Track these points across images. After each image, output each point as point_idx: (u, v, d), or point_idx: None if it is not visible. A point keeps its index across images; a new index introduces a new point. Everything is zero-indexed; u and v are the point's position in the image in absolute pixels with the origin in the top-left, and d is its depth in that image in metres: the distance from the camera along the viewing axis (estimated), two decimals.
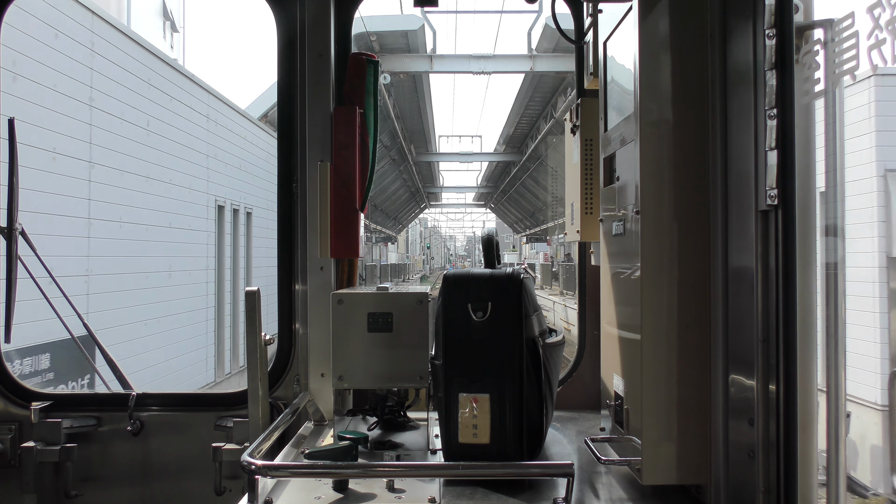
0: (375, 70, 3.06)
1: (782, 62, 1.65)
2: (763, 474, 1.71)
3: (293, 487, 2.14)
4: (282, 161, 3.10)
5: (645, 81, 2.07)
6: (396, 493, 2.09)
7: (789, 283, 1.65)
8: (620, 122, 2.30)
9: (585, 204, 2.94)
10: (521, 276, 2.27)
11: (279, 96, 3.12)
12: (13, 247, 3.07)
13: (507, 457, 2.17)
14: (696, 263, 2.01)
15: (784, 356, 1.66)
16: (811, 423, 1.67)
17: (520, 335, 2.20)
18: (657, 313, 2.03)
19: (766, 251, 1.71)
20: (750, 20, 1.77)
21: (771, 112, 1.66)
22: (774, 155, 1.66)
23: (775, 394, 1.68)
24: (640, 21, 2.09)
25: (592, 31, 2.87)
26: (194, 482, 3.01)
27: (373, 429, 2.65)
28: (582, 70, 3.18)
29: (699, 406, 1.99)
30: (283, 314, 3.09)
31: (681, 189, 2.04)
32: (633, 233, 2.13)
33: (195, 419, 3.07)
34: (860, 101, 10.73)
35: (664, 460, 2.02)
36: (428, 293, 2.57)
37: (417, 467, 2.28)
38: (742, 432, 1.81)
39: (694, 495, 2.07)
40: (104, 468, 3.07)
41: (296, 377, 3.03)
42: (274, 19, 3.13)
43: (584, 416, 3.04)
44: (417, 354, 2.47)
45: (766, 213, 1.71)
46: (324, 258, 2.99)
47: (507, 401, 2.18)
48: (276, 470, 2.05)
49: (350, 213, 2.99)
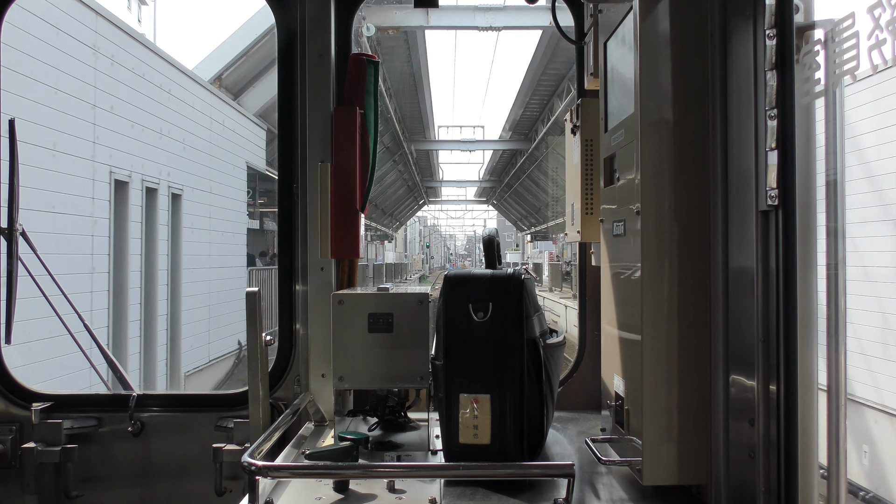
0: (376, 70, 3.06)
1: (782, 62, 1.65)
2: (764, 474, 1.71)
3: (294, 488, 2.14)
4: (282, 161, 3.10)
5: (645, 82, 2.07)
6: (397, 493, 2.09)
7: (789, 283, 1.65)
8: (621, 123, 2.30)
9: (586, 204, 2.94)
10: (521, 276, 2.27)
11: (279, 96, 3.12)
12: (13, 247, 3.07)
13: (508, 457, 2.17)
14: (696, 264, 2.01)
15: (784, 356, 1.66)
16: (812, 423, 1.67)
17: (520, 336, 2.20)
18: (657, 314, 2.03)
19: (767, 251, 1.71)
20: (750, 20, 1.77)
21: (771, 112, 1.66)
22: (775, 155, 1.66)
23: (776, 394, 1.68)
24: (640, 21, 2.09)
25: (593, 31, 2.87)
26: (195, 483, 3.01)
27: (373, 429, 2.65)
28: (582, 70, 3.19)
29: (700, 406, 1.99)
30: (283, 315, 3.09)
31: (681, 189, 2.04)
32: (633, 233, 2.13)
33: (196, 420, 3.07)
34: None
35: (665, 461, 2.02)
36: (428, 294, 2.57)
37: (418, 468, 2.28)
38: (742, 432, 1.81)
39: (694, 496, 2.07)
40: (105, 469, 3.07)
41: (296, 378, 3.03)
42: (274, 19, 3.13)
43: (584, 417, 3.04)
44: (418, 355, 2.47)
45: (766, 214, 1.71)
46: (324, 259, 2.99)
47: (507, 401, 2.18)
48: (277, 470, 2.05)
49: (350, 213, 2.99)
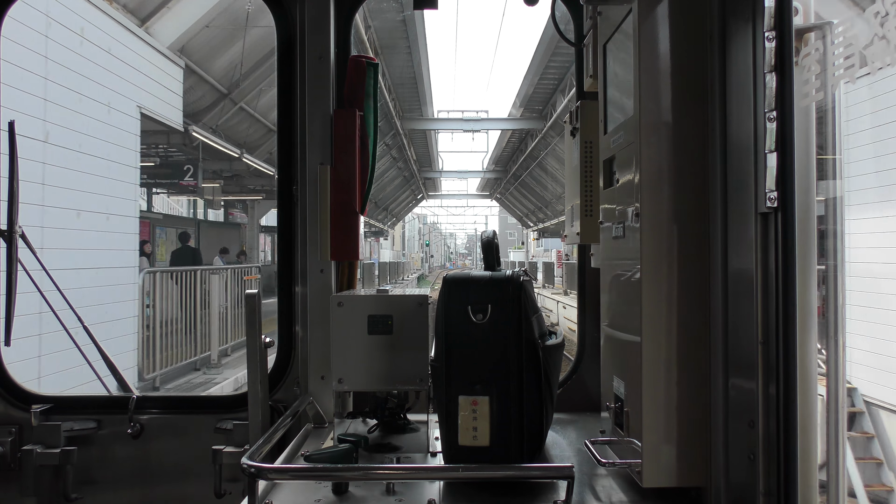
0: (375, 73, 3.07)
1: (782, 64, 1.65)
2: (763, 476, 1.71)
3: (293, 490, 2.14)
4: (282, 163, 3.10)
5: (644, 84, 2.08)
6: (396, 495, 2.09)
7: (789, 285, 1.65)
8: (620, 125, 2.30)
9: (585, 206, 2.94)
10: (521, 278, 2.27)
11: (279, 98, 3.13)
12: (13, 249, 3.07)
13: (507, 459, 2.17)
14: (695, 266, 2.01)
15: (784, 358, 1.66)
16: (811, 425, 1.67)
17: (520, 337, 2.20)
18: (657, 316, 2.03)
19: (766, 253, 1.71)
20: (749, 22, 1.77)
21: (770, 114, 1.67)
22: (774, 157, 1.66)
23: (775, 396, 1.68)
24: (639, 23, 2.10)
25: (592, 33, 2.87)
26: (194, 485, 3.01)
27: (373, 431, 2.65)
28: (582, 72, 3.19)
29: (699, 408, 1.99)
30: (282, 317, 3.09)
31: (680, 191, 2.04)
32: (632, 235, 2.13)
33: (195, 422, 3.07)
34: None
35: (664, 463, 2.02)
36: (428, 295, 2.57)
37: (417, 470, 2.28)
38: (742, 435, 1.81)
39: (694, 498, 2.07)
40: (104, 471, 3.07)
41: (296, 380, 3.03)
42: (273, 21, 3.14)
43: (584, 419, 3.04)
44: (417, 357, 2.46)
45: (765, 216, 1.71)
46: (324, 261, 2.99)
47: (507, 403, 2.18)
48: (276, 473, 2.05)
49: (350, 215, 2.99)
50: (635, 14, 2.11)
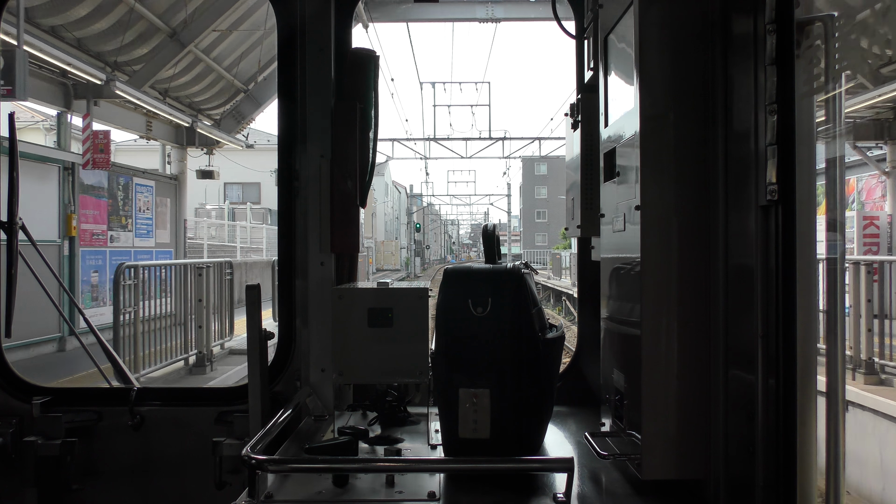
0: (375, 65, 3.06)
1: (783, 57, 1.65)
2: (762, 469, 1.71)
3: (293, 482, 2.14)
4: (282, 156, 3.10)
5: (645, 76, 2.07)
6: (396, 487, 2.09)
7: (789, 278, 1.65)
8: (621, 118, 2.30)
9: (586, 199, 2.94)
10: (521, 271, 2.27)
11: (279, 91, 3.12)
12: (14, 241, 3.07)
13: (508, 451, 2.18)
14: (696, 258, 2.01)
15: (784, 352, 1.66)
16: (811, 418, 1.67)
17: (519, 330, 2.21)
18: (657, 308, 2.03)
19: (767, 246, 1.71)
20: (750, 15, 1.76)
21: (771, 107, 1.66)
22: (775, 150, 1.66)
23: (775, 389, 1.68)
24: (640, 16, 2.09)
25: (593, 26, 2.86)
26: (195, 477, 3.02)
27: (373, 424, 2.66)
28: (582, 65, 3.18)
29: (699, 401, 2.00)
30: (283, 309, 3.09)
31: (681, 184, 2.03)
32: (633, 228, 2.13)
33: (196, 414, 3.07)
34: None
35: (664, 455, 2.03)
36: (428, 288, 2.57)
37: (417, 462, 2.28)
38: (742, 428, 1.81)
39: (693, 490, 2.08)
40: (105, 463, 3.08)
41: (296, 372, 3.04)
42: (275, 14, 3.13)
43: (583, 411, 3.04)
44: (417, 349, 2.47)
45: (766, 209, 1.71)
46: (324, 253, 2.99)
47: (507, 396, 2.18)
48: (277, 464, 2.05)
49: (350, 207, 2.99)
50: (636, 6, 2.11)
